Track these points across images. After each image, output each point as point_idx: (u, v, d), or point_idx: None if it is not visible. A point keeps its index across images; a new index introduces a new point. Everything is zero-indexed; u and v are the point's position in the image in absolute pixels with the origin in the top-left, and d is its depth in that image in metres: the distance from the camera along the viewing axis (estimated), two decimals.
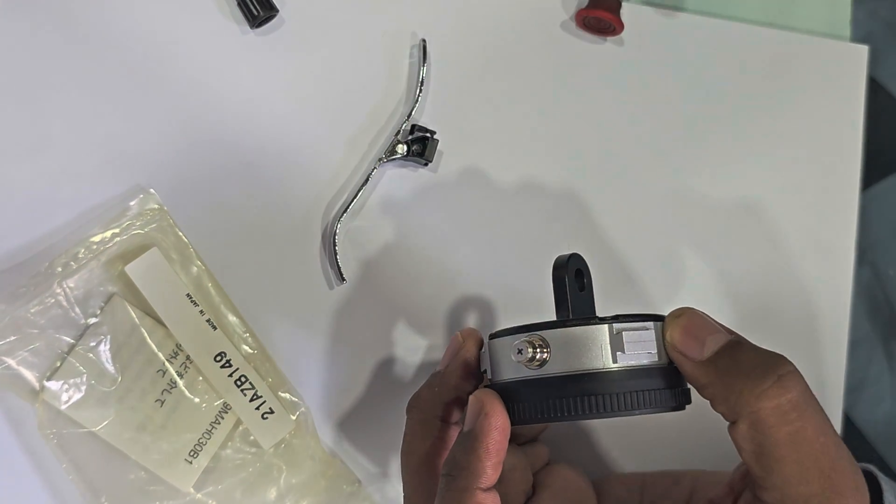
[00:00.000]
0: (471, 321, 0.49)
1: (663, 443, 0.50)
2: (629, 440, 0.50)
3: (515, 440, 0.44)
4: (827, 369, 0.53)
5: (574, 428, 0.50)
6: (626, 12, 0.52)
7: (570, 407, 0.34)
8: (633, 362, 0.35)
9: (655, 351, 0.35)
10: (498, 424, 0.34)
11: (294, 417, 0.46)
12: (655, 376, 0.35)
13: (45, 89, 0.47)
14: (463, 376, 0.39)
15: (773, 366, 0.33)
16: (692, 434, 0.49)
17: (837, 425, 0.54)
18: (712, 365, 0.34)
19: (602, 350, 0.34)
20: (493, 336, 0.38)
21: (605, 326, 0.35)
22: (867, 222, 0.56)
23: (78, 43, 0.47)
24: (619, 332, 0.35)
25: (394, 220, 0.49)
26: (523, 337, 0.35)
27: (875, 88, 0.56)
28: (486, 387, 0.38)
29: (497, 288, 0.50)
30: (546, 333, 0.35)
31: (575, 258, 0.38)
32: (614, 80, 0.53)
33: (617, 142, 0.52)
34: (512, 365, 0.36)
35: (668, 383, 0.35)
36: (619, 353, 0.34)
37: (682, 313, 0.36)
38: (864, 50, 0.55)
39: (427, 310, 0.49)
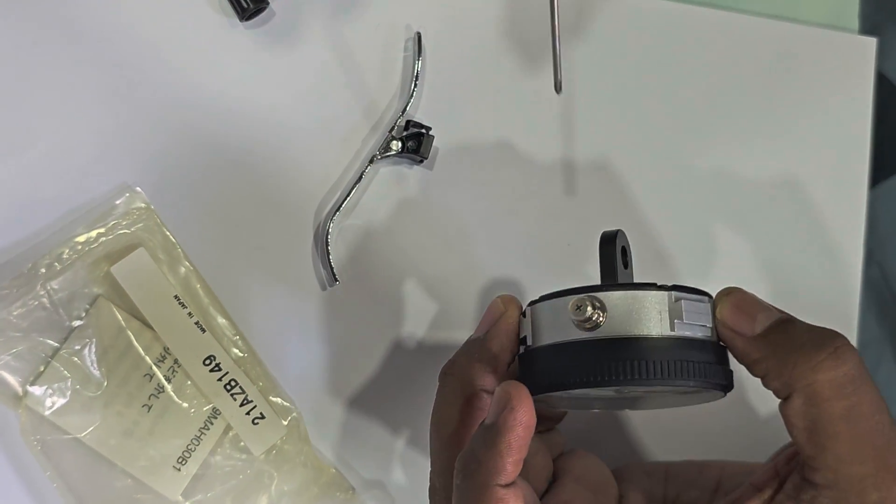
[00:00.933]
0: (469, 323, 0.48)
1: (684, 434, 0.49)
2: (648, 431, 0.49)
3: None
4: None
5: (593, 418, 0.49)
6: (634, 2, 0.51)
7: (622, 370, 0.33)
8: (688, 333, 0.34)
9: (710, 326, 0.35)
10: (524, 420, 0.33)
11: (285, 423, 0.46)
12: (709, 351, 0.35)
13: (29, 85, 0.46)
14: (504, 344, 0.38)
15: (828, 339, 0.33)
16: (716, 425, 0.48)
17: None
18: (764, 339, 0.34)
19: (661, 316, 0.34)
20: (535, 301, 0.37)
21: (665, 294, 0.35)
22: (875, 221, 0.55)
23: (62, 37, 0.46)
24: (679, 301, 0.34)
25: (388, 218, 0.48)
26: (582, 295, 0.35)
27: (883, 83, 0.55)
28: (522, 355, 0.37)
29: (497, 289, 0.49)
30: (603, 295, 0.34)
31: (621, 235, 0.38)
32: (615, 71, 0.52)
33: (621, 134, 0.51)
34: (559, 328, 0.35)
35: (719, 360, 0.35)
36: (677, 321, 0.34)
37: (732, 291, 0.36)
38: (872, 42, 0.54)
39: (423, 311, 0.48)
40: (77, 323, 0.44)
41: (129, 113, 0.46)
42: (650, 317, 0.34)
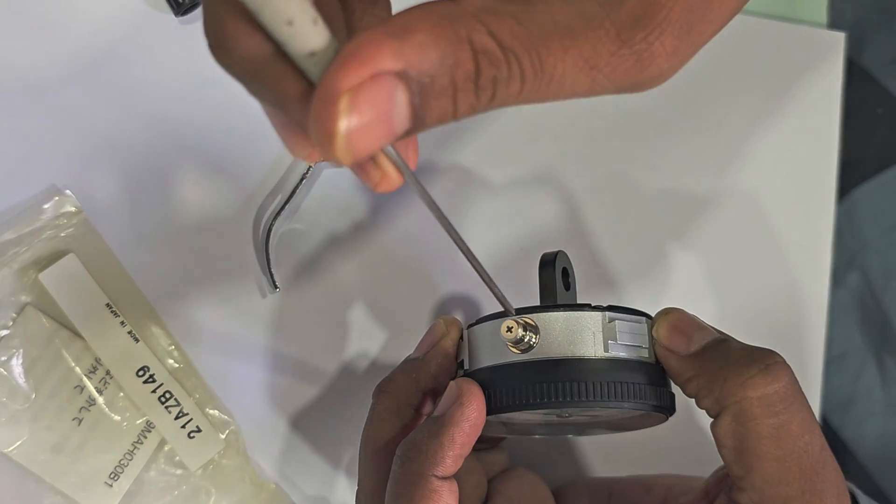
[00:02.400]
0: (416, 333, 0.46)
1: (634, 447, 0.47)
2: (597, 446, 0.48)
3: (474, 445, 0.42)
4: (807, 381, 0.51)
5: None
6: None
7: (554, 392, 0.33)
8: (623, 354, 0.34)
9: (646, 346, 0.35)
10: (472, 416, 0.33)
11: (223, 436, 0.45)
12: (645, 372, 0.35)
13: None
14: (443, 365, 0.38)
15: (760, 356, 0.33)
16: (667, 438, 0.46)
17: None
18: (698, 358, 0.34)
19: (594, 337, 0.34)
20: (472, 325, 0.37)
21: (599, 314, 0.34)
22: (856, 225, 0.53)
23: None
24: (613, 321, 0.34)
25: (332, 222, 0.47)
26: (514, 317, 0.34)
27: (859, 76, 0.53)
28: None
29: (446, 297, 0.47)
30: (536, 316, 0.34)
31: (562, 256, 0.38)
32: None
33: (573, 140, 0.50)
34: (494, 351, 0.35)
35: (656, 381, 0.35)
36: (610, 341, 0.34)
37: (671, 311, 0.36)
38: (840, 37, 0.53)
39: (367, 321, 0.47)
40: (3, 332, 0.43)
41: (58, 111, 0.45)
42: (584, 338, 0.34)
